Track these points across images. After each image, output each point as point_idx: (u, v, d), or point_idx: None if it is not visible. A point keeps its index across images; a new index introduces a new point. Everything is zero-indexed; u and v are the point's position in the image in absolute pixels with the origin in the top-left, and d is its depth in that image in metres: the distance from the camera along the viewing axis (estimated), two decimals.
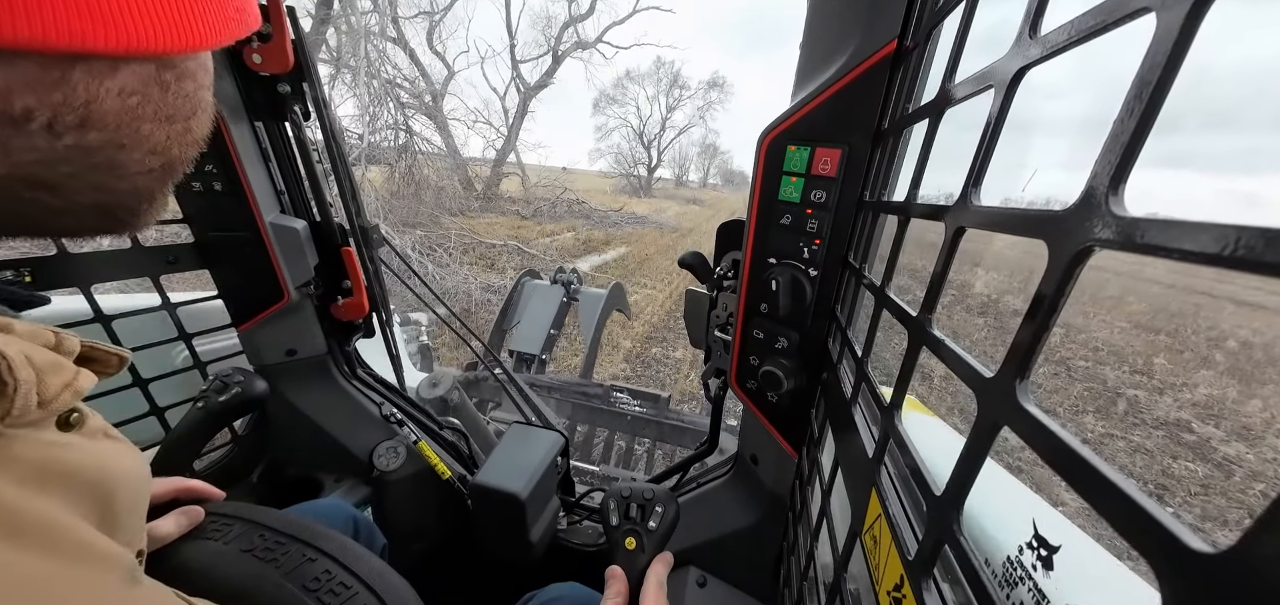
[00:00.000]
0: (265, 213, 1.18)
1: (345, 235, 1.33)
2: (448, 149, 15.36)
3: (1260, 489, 4.33)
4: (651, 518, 0.89)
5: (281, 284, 1.25)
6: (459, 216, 13.04)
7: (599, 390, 2.89)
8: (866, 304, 0.68)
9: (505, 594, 1.04)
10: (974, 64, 0.43)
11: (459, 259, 8.69)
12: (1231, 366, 7.61)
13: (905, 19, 0.60)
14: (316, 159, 1.26)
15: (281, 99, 1.14)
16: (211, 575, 0.59)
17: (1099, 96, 78.32)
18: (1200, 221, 0.21)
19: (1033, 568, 0.52)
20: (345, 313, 1.39)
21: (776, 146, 0.74)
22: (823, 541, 0.73)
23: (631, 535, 0.88)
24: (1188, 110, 73.28)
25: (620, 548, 0.88)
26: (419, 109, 14.12)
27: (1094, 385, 6.34)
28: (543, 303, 3.36)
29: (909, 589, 0.45)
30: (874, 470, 0.55)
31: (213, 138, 1.19)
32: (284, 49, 1.07)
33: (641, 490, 0.93)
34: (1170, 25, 0.23)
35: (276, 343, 1.38)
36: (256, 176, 1.16)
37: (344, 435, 1.41)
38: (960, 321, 9.05)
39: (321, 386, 1.45)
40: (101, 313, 1.12)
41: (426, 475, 1.35)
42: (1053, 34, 0.33)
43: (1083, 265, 0.28)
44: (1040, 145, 57.16)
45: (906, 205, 0.54)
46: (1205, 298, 13.57)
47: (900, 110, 0.63)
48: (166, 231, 1.24)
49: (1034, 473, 4.07)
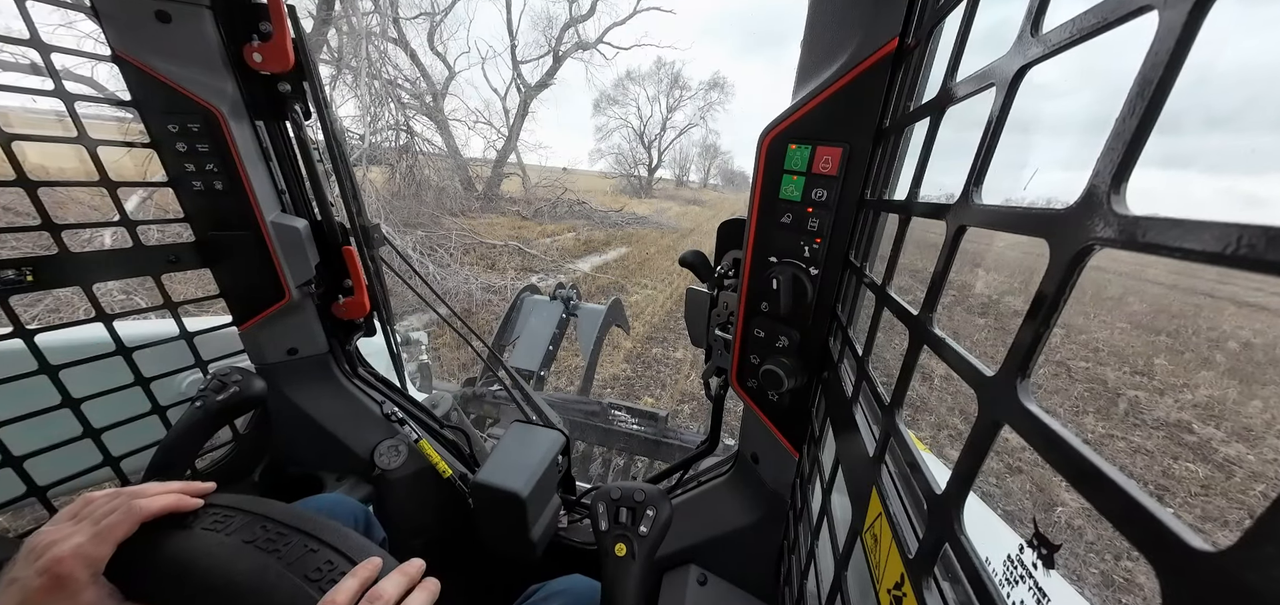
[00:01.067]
0: (266, 212, 1.19)
1: (346, 234, 1.33)
2: (449, 149, 15.36)
3: (1261, 490, 4.32)
4: (643, 522, 0.87)
5: (283, 283, 1.25)
6: (460, 217, 13.04)
7: (598, 407, 2.87)
8: (867, 303, 0.68)
9: (507, 591, 1.04)
10: (975, 63, 0.43)
11: (460, 259, 8.69)
12: (1232, 367, 7.61)
13: (906, 17, 0.60)
14: (317, 158, 1.26)
15: (282, 98, 1.14)
16: (213, 566, 0.59)
17: (1100, 96, 78.27)
18: (1202, 220, 0.21)
19: (1033, 566, 0.52)
20: (346, 312, 1.39)
21: (777, 145, 0.74)
22: (823, 540, 0.73)
23: (621, 541, 0.86)
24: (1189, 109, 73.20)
25: (610, 555, 0.85)
26: (420, 109, 14.12)
27: (1094, 386, 6.33)
28: (542, 319, 3.37)
29: (909, 587, 0.45)
30: (875, 469, 0.55)
31: (214, 137, 1.19)
32: (284, 48, 1.08)
33: (632, 492, 0.91)
34: (1172, 23, 0.23)
35: (278, 342, 1.38)
36: (257, 176, 1.16)
37: (345, 434, 1.41)
38: (961, 322, 9.04)
39: (323, 385, 1.46)
40: (102, 311, 1.13)
41: (427, 474, 1.35)
42: (1054, 32, 0.33)
43: (1084, 264, 0.28)
44: (1042, 145, 57.12)
45: (908, 204, 0.54)
46: (1206, 299, 13.56)
47: (901, 109, 0.63)
48: (168, 231, 1.24)
49: (1034, 473, 4.07)
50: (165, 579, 0.59)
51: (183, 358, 1.31)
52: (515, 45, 20.81)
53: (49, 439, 1.10)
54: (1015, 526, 3.50)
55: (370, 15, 11.95)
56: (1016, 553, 0.55)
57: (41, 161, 2.84)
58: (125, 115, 1.45)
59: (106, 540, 0.57)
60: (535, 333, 3.31)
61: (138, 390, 1.22)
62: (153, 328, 1.36)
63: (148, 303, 1.21)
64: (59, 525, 0.59)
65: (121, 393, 1.19)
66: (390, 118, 11.77)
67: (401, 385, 1.62)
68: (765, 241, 0.80)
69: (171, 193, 1.14)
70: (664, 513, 0.89)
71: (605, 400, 2.95)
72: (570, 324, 3.47)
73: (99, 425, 1.16)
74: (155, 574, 0.59)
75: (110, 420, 1.18)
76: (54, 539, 0.56)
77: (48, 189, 1.00)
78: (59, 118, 1.01)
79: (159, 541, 0.61)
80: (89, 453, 1.16)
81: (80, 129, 1.01)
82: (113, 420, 1.18)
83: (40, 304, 4.77)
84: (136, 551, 0.59)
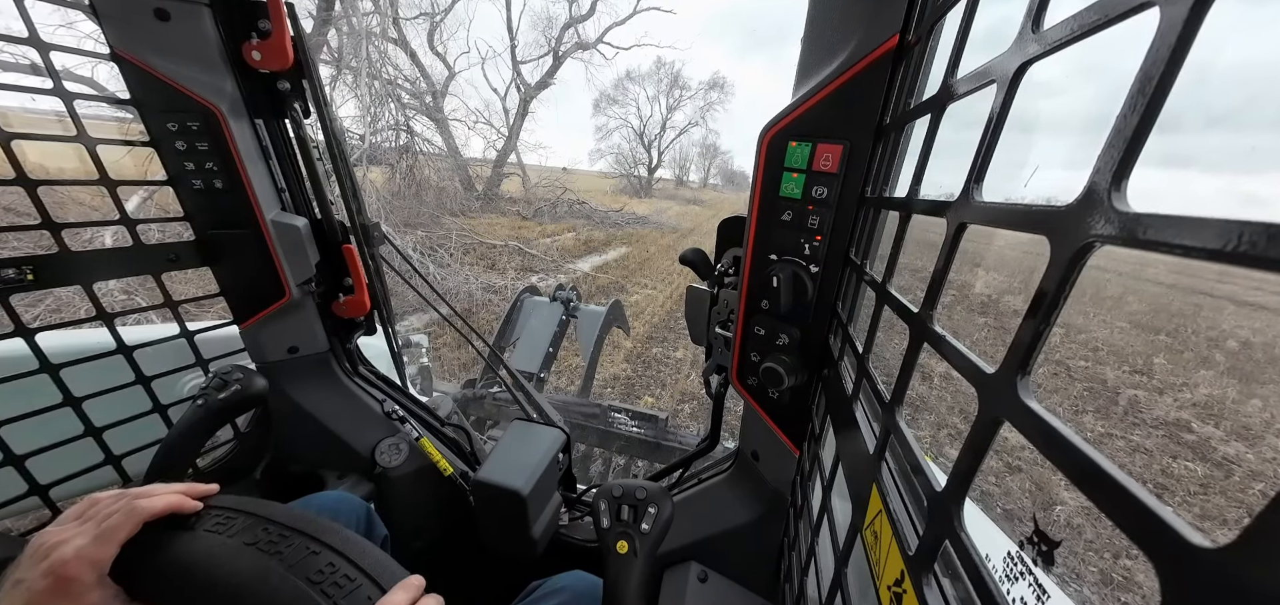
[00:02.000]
0: (266, 210, 1.19)
1: (346, 233, 1.33)
2: (448, 149, 15.36)
3: (1260, 489, 4.33)
4: (645, 519, 0.87)
5: (283, 281, 1.25)
6: (460, 217, 13.04)
7: (598, 410, 2.87)
8: (868, 300, 0.68)
9: (508, 589, 1.04)
10: (976, 60, 0.43)
11: (460, 259, 8.69)
12: (1231, 366, 7.61)
13: (907, 14, 0.60)
14: (317, 157, 1.26)
15: (281, 96, 1.14)
16: (215, 569, 0.59)
17: (1101, 94, 78.21)
18: (1202, 217, 0.21)
19: (1033, 562, 0.52)
20: (347, 310, 1.39)
21: (778, 143, 0.74)
22: (823, 537, 0.73)
23: (623, 539, 0.86)
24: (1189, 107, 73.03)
25: (612, 553, 0.85)
26: (420, 109, 14.12)
27: (1094, 385, 6.34)
28: (542, 320, 3.36)
29: (909, 584, 0.45)
30: (875, 466, 0.55)
31: (213, 136, 1.19)
32: (283, 46, 1.08)
33: (634, 489, 0.91)
34: (1174, 20, 0.23)
35: (278, 340, 1.38)
36: (257, 174, 1.16)
37: (346, 432, 1.42)
38: (961, 321, 9.04)
39: (324, 384, 1.46)
40: (103, 310, 1.12)
41: (428, 472, 1.35)
42: (1055, 29, 0.33)
43: (1085, 261, 0.28)
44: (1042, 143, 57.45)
45: (908, 201, 0.54)
46: (1206, 297, 13.57)
47: (902, 106, 0.63)
48: (169, 230, 1.24)
49: (1034, 472, 4.07)
50: (168, 581, 0.59)
51: (183, 357, 1.31)
52: (515, 45, 20.79)
53: (51, 438, 1.10)
54: (1015, 524, 3.51)
55: (370, 15, 11.94)
56: (1016, 550, 0.55)
57: (41, 161, 2.83)
58: (125, 114, 1.45)
59: (110, 541, 0.58)
60: (535, 334, 3.31)
61: (139, 389, 1.22)
62: (153, 327, 1.37)
63: (148, 302, 1.21)
64: (64, 526, 0.59)
65: (122, 391, 1.19)
66: (390, 118, 11.78)
67: (402, 382, 1.63)
68: (765, 239, 0.80)
69: (171, 192, 1.14)
70: (665, 510, 0.88)
71: (605, 402, 2.95)
72: (570, 325, 3.47)
73: (100, 424, 1.16)
74: (158, 576, 0.60)
75: (112, 419, 1.18)
76: (59, 540, 0.56)
77: (48, 188, 1.00)
78: (59, 117, 1.01)
79: (162, 543, 0.61)
80: (91, 451, 1.16)
81: (80, 128, 1.01)
82: (114, 419, 1.18)
83: (41, 304, 4.77)
84: (140, 552, 0.59)
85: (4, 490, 1.08)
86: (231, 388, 1.21)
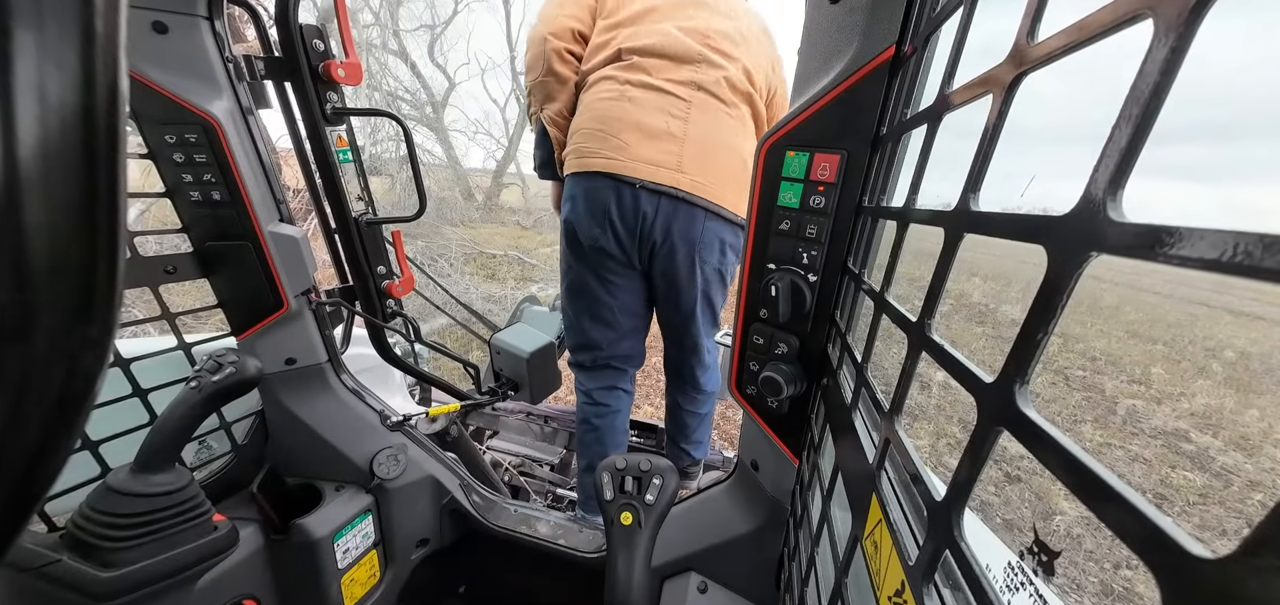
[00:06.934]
0: (264, 222, 1.19)
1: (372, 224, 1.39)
2: (449, 160, 15.41)
3: (1259, 499, 4.31)
4: (649, 490, 0.84)
5: (281, 293, 1.25)
6: (460, 227, 13.04)
7: None
8: (866, 309, 0.68)
9: (503, 600, 1.03)
10: (972, 70, 0.44)
11: (460, 268, 8.69)
12: (1229, 376, 7.62)
13: (903, 25, 0.60)
14: (349, 158, 1.31)
15: (321, 103, 1.22)
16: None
17: (1097, 103, 78.98)
18: (1199, 227, 0.21)
19: (1033, 572, 0.52)
20: (403, 289, 1.46)
21: (775, 152, 0.74)
22: (823, 547, 0.72)
23: (627, 510, 0.83)
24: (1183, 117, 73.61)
25: (616, 524, 0.83)
26: (420, 120, 14.17)
27: (1092, 394, 6.33)
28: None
29: (910, 595, 0.45)
30: (874, 476, 0.54)
31: (212, 148, 1.19)
32: (357, 66, 1.21)
33: (638, 462, 0.88)
34: (1168, 28, 0.23)
35: (276, 352, 1.37)
36: (255, 186, 1.16)
37: (344, 443, 1.41)
38: (958, 330, 9.05)
39: (321, 395, 1.45)
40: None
41: (427, 484, 1.35)
42: (1051, 39, 0.33)
43: (1082, 270, 0.29)
44: (1038, 153, 57.53)
45: (905, 210, 0.54)
46: (1202, 307, 13.61)
47: (899, 116, 0.63)
48: (166, 241, 1.24)
49: (1033, 482, 4.06)
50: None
51: (180, 369, 1.30)
52: (514, 56, 20.93)
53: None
54: (1015, 534, 3.50)
55: (371, 27, 12.02)
56: (1016, 560, 0.55)
57: None
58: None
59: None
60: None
61: (136, 402, 1.21)
62: (150, 340, 1.36)
63: (145, 314, 1.21)
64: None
65: (119, 404, 1.18)
66: (391, 129, 11.83)
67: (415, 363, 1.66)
68: (763, 248, 0.80)
69: (169, 203, 1.14)
70: (671, 482, 0.85)
71: None
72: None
73: (96, 437, 1.15)
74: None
75: (108, 432, 1.17)
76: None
77: None
78: None
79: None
80: (87, 465, 1.15)
81: None
82: (110, 432, 1.17)
83: None
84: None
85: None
86: (226, 370, 1.19)
